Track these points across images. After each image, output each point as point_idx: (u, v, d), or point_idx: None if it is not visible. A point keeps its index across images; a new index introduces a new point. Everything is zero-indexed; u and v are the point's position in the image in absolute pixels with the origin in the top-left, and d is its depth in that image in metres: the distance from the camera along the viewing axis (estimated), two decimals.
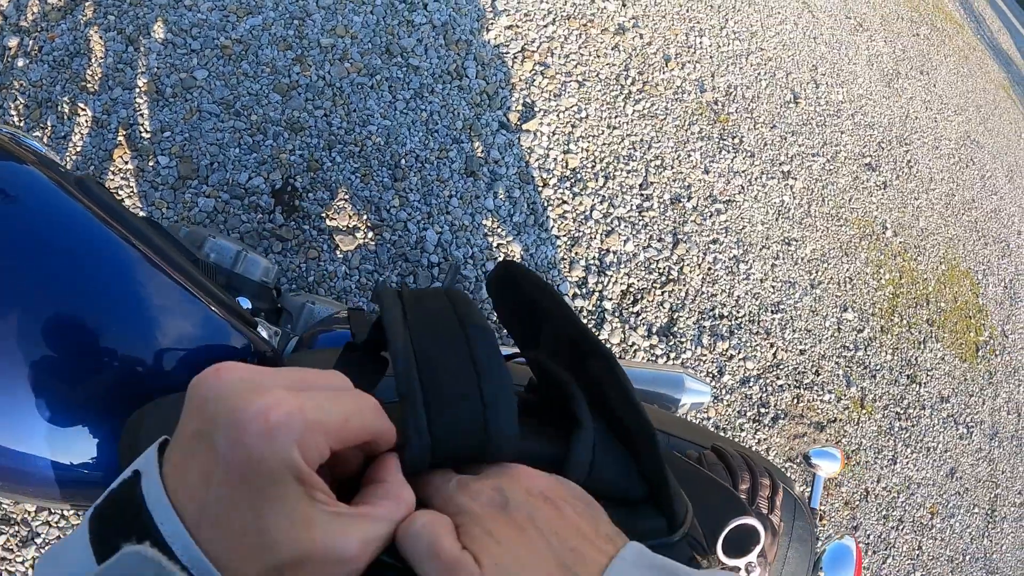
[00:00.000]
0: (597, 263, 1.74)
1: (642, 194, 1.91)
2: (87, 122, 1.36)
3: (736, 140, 2.24)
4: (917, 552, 1.94)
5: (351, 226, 1.47)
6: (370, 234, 1.48)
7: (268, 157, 1.45)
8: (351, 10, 1.70)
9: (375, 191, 1.52)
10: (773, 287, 2.02)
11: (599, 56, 2.09)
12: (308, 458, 0.22)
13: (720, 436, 0.69)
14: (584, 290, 1.69)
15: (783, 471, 0.86)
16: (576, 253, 1.72)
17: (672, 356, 1.72)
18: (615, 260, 1.76)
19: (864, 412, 2.04)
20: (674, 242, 1.89)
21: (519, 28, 1.97)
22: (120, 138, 1.36)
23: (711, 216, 2.01)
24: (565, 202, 1.77)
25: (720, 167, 2.13)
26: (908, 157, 2.92)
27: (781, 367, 1.91)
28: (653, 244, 1.85)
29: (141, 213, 1.32)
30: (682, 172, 2.03)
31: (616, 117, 2.01)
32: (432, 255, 1.52)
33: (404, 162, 1.58)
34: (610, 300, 1.70)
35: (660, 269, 1.83)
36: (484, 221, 1.62)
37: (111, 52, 1.43)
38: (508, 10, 1.97)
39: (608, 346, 1.21)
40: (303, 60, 1.58)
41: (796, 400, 1.89)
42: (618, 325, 1.68)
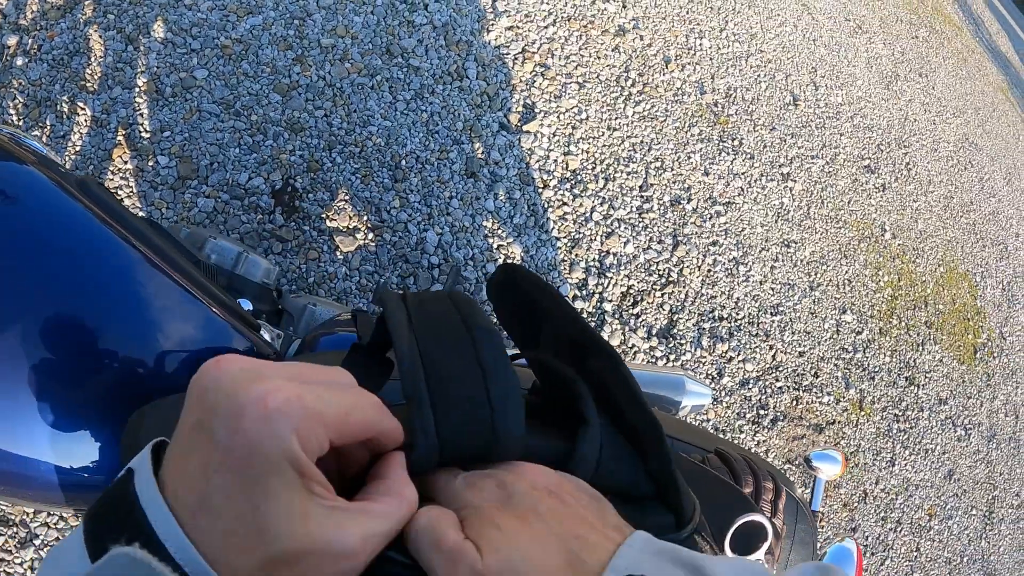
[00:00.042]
0: (597, 265, 1.73)
1: (642, 196, 1.91)
2: (86, 121, 1.35)
3: (736, 142, 2.25)
4: (915, 554, 1.94)
5: (351, 227, 1.47)
6: (370, 235, 1.48)
7: (268, 157, 1.44)
8: (352, 10, 1.70)
9: (375, 192, 1.52)
10: (772, 289, 2.02)
11: (599, 58, 2.09)
12: (307, 448, 0.21)
13: (723, 439, 0.69)
14: (584, 292, 1.69)
15: (784, 474, 0.86)
16: (576, 255, 1.72)
17: (672, 358, 1.72)
18: (615, 262, 1.76)
19: (863, 414, 2.04)
20: (674, 244, 1.89)
21: (520, 29, 1.97)
22: (119, 138, 1.36)
23: (711, 218, 2.01)
24: (565, 204, 1.77)
25: (720, 169, 2.14)
26: (907, 159, 2.93)
27: (780, 369, 1.91)
28: (653, 246, 1.85)
29: (140, 213, 1.31)
30: (682, 174, 2.03)
31: (616, 119, 2.01)
32: (432, 256, 1.51)
33: (404, 163, 1.57)
34: (610, 302, 1.70)
35: (660, 271, 1.83)
36: (484, 222, 1.61)
37: (111, 51, 1.42)
38: (509, 11, 1.97)
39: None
40: (303, 60, 1.58)
41: (795, 402, 1.89)
42: (618, 327, 1.68)
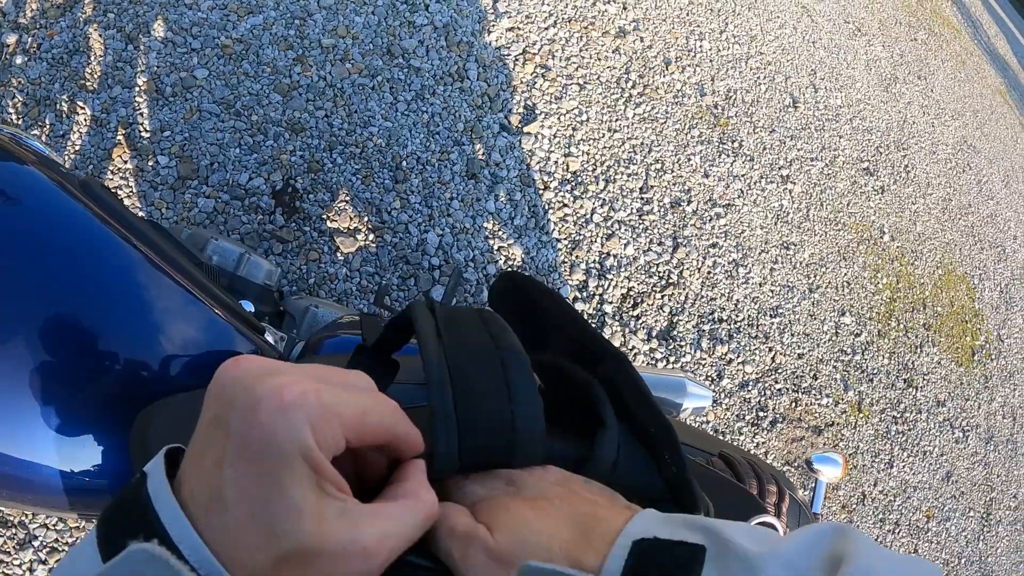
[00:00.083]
0: (597, 266, 1.73)
1: (642, 198, 1.92)
2: (86, 121, 1.35)
3: (735, 144, 2.25)
4: (913, 555, 1.94)
5: (352, 228, 1.46)
6: (371, 236, 1.47)
7: (268, 158, 1.44)
8: (352, 10, 1.70)
9: (376, 193, 1.51)
10: (772, 291, 2.02)
11: (600, 59, 2.09)
12: (322, 443, 0.21)
13: (726, 443, 0.69)
14: (585, 293, 1.69)
15: (786, 476, 0.86)
16: (577, 256, 1.72)
17: (671, 360, 1.72)
18: (615, 264, 1.76)
19: (861, 416, 2.04)
20: (674, 246, 1.89)
21: (520, 30, 1.97)
22: (119, 137, 1.35)
23: (711, 220, 2.01)
24: (566, 205, 1.77)
25: (720, 171, 2.14)
26: (906, 162, 2.93)
27: (779, 371, 1.91)
28: (653, 248, 1.85)
29: (140, 213, 1.31)
30: (682, 176, 2.04)
31: (617, 120, 2.01)
32: (433, 258, 1.51)
33: (405, 164, 1.57)
34: (610, 304, 1.70)
35: (660, 273, 1.83)
36: (485, 224, 1.61)
37: (110, 50, 1.42)
38: (510, 12, 1.97)
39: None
40: (304, 60, 1.57)
41: (794, 404, 1.90)
42: (618, 329, 1.68)
